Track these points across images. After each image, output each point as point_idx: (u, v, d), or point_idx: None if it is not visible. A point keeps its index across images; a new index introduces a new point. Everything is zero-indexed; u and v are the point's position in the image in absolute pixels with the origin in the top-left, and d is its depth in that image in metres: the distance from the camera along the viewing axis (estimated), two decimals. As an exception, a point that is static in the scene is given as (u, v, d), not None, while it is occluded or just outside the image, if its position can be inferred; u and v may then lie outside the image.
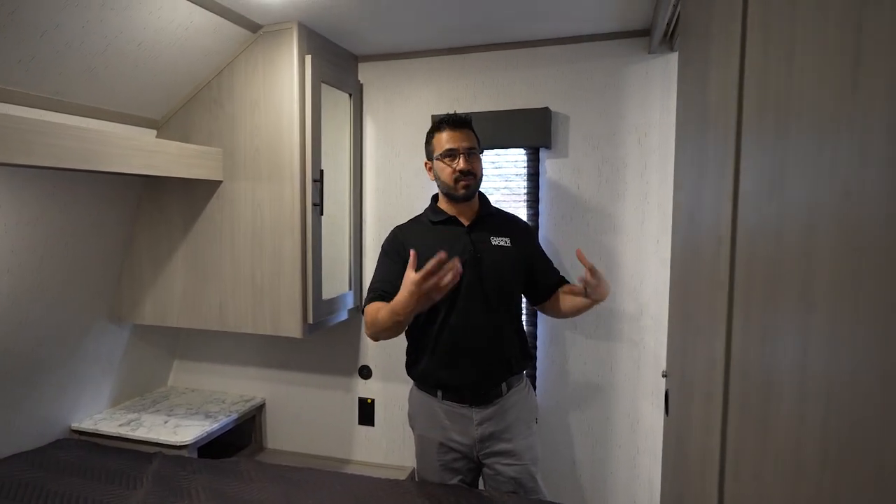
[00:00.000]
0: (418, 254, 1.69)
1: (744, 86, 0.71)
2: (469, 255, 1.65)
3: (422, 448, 1.77)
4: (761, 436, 0.59)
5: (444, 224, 1.72)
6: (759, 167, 0.64)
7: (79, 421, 2.13)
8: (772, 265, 0.57)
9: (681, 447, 1.10)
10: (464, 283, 1.64)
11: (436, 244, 1.69)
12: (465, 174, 1.64)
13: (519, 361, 1.71)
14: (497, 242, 1.69)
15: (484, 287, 1.64)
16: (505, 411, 1.68)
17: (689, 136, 1.13)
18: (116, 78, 1.68)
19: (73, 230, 1.86)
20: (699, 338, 0.95)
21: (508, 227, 1.74)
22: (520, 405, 1.71)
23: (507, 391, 1.69)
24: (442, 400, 1.69)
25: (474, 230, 1.69)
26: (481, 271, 1.65)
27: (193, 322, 2.07)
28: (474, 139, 1.69)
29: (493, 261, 1.67)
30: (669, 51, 1.90)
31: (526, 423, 1.71)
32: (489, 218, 1.73)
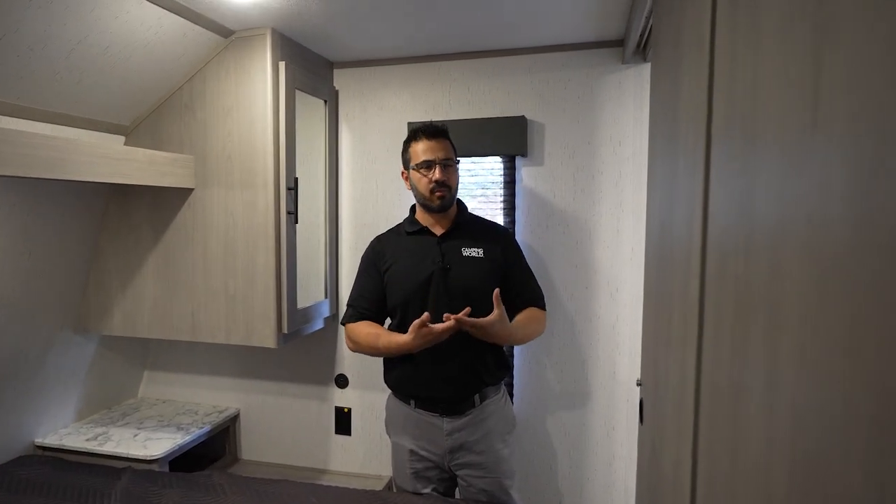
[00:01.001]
0: (390, 264, 1.72)
1: (712, 104, 0.72)
2: (437, 266, 1.65)
3: (396, 455, 1.77)
4: (731, 449, 0.60)
5: (417, 234, 1.72)
6: (729, 185, 0.65)
7: (42, 436, 2.06)
8: (741, 284, 0.57)
9: (655, 455, 1.12)
10: (430, 295, 1.64)
11: (408, 255, 1.72)
12: (441, 185, 1.63)
13: (492, 373, 1.69)
14: (468, 253, 1.68)
15: (452, 298, 1.63)
16: (478, 423, 1.67)
17: (661, 148, 1.14)
18: (83, 83, 1.63)
19: (36, 239, 1.80)
20: (671, 349, 0.96)
21: (484, 237, 1.72)
22: (494, 417, 1.69)
23: (481, 402, 1.67)
24: (414, 408, 1.69)
25: (446, 240, 1.69)
26: (448, 283, 1.64)
27: (164, 333, 2.02)
28: (451, 149, 1.68)
29: (461, 272, 1.65)
30: (643, 61, 1.93)
31: (500, 436, 1.70)
32: (464, 227, 1.72)
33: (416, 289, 1.65)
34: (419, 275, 1.65)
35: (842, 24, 0.34)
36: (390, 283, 1.71)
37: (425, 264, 1.66)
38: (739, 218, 0.59)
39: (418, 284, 1.65)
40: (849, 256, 0.34)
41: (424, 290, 1.65)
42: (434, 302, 1.63)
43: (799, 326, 0.42)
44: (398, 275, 1.69)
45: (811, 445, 0.39)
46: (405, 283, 1.67)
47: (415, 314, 1.63)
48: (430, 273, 1.65)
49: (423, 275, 1.65)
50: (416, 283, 1.65)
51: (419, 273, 1.66)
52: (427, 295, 1.65)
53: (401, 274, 1.69)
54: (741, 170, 0.59)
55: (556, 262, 2.08)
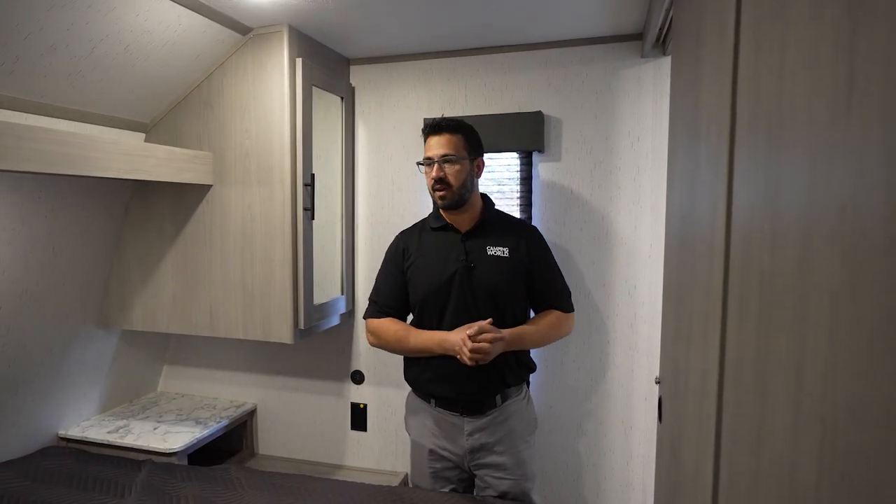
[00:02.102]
0: (413, 260, 1.70)
1: (736, 96, 0.71)
2: (460, 264, 1.62)
3: (414, 454, 1.76)
4: (755, 446, 0.58)
5: (441, 230, 1.68)
6: (753, 178, 0.63)
7: (66, 428, 2.10)
8: (767, 277, 0.56)
9: (674, 454, 1.10)
10: (453, 293, 1.62)
11: (431, 252, 1.68)
12: (439, 182, 1.59)
13: (515, 373, 1.65)
14: (493, 252, 1.63)
15: (475, 298, 1.60)
16: (499, 423, 1.64)
17: (682, 142, 1.12)
18: (104, 81, 1.65)
19: (59, 236, 1.83)
20: (692, 346, 0.95)
21: (509, 235, 1.66)
22: (515, 418, 1.66)
23: (503, 402, 1.64)
24: (435, 407, 1.67)
25: (471, 238, 1.65)
26: (472, 282, 1.61)
27: (183, 328, 2.05)
28: (456, 144, 1.61)
29: (485, 271, 1.61)
30: (662, 55, 1.90)
31: (522, 437, 1.67)
32: (489, 224, 1.67)
33: (439, 287, 1.62)
34: (442, 273, 1.62)
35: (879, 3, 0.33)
36: (412, 280, 1.69)
37: (448, 262, 1.63)
38: (765, 210, 0.57)
39: (441, 283, 1.62)
40: (885, 247, 0.33)
41: (447, 289, 1.62)
42: (456, 301, 1.61)
43: (829, 320, 0.41)
44: (420, 271, 1.67)
45: (842, 443, 0.38)
46: (427, 280, 1.65)
47: (436, 312, 1.62)
48: (454, 271, 1.61)
49: (446, 273, 1.62)
50: (438, 281, 1.62)
51: (442, 271, 1.63)
52: (450, 294, 1.62)
53: (423, 271, 1.67)
54: (767, 161, 0.57)
55: (572, 259, 2.06)
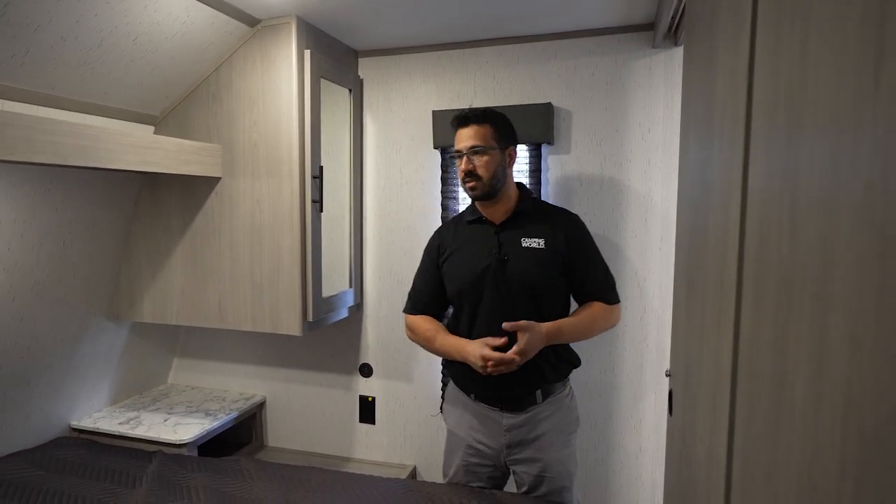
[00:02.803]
0: (448, 254, 1.66)
1: (753, 80, 0.69)
2: (493, 257, 1.57)
3: (450, 444, 1.73)
4: (772, 438, 0.57)
5: (476, 223, 1.64)
6: (770, 163, 0.62)
7: (78, 419, 2.12)
8: (785, 264, 0.55)
9: (685, 448, 1.09)
10: (487, 288, 1.57)
11: (465, 246, 1.64)
12: (468, 175, 1.56)
13: (556, 370, 1.60)
14: (528, 244, 1.58)
15: (509, 292, 1.56)
16: (538, 420, 1.59)
17: (694, 131, 1.10)
18: (113, 73, 1.66)
19: (69, 228, 1.84)
20: (704, 338, 0.93)
21: (546, 225, 1.60)
22: (557, 415, 1.61)
23: (543, 399, 1.59)
24: (474, 401, 1.64)
25: (505, 230, 1.60)
26: (506, 275, 1.56)
27: (193, 320, 2.06)
28: (484, 134, 1.56)
29: (519, 264, 1.56)
30: (674, 45, 1.87)
31: (561, 435, 1.61)
32: (525, 215, 1.62)
33: (472, 281, 1.59)
34: (475, 267, 1.59)
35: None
36: (447, 274, 1.66)
37: (482, 256, 1.59)
38: (783, 194, 0.56)
39: (474, 277, 1.58)
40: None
41: (480, 283, 1.58)
42: (490, 295, 1.57)
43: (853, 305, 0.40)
44: (454, 266, 1.64)
45: (867, 432, 0.37)
46: (461, 274, 1.62)
47: (470, 307, 1.59)
48: (487, 265, 1.57)
49: (478, 267, 1.58)
50: (471, 275, 1.59)
51: (475, 265, 1.59)
52: (483, 288, 1.57)
53: (457, 265, 1.64)
54: (786, 143, 0.56)
55: (582, 251, 2.04)
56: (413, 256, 2.26)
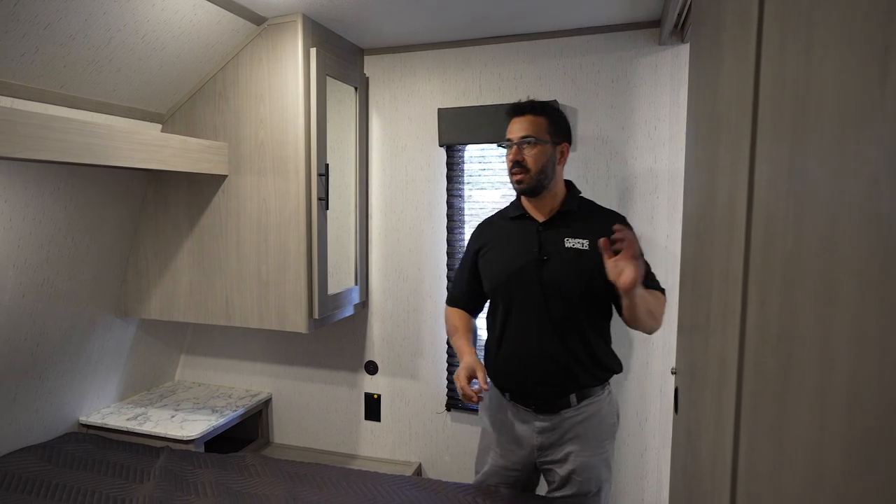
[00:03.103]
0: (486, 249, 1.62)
1: (760, 76, 0.69)
2: (532, 257, 1.51)
3: (483, 443, 1.71)
4: (777, 433, 0.57)
5: (519, 219, 1.59)
6: (776, 159, 0.62)
7: (86, 414, 2.14)
8: (790, 259, 0.55)
9: (691, 446, 1.09)
10: (521, 288, 1.52)
11: (504, 242, 1.60)
12: (515, 165, 1.50)
13: (591, 374, 1.54)
14: (571, 244, 1.50)
15: (544, 295, 1.50)
16: (572, 424, 1.55)
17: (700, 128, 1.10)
18: (121, 71, 1.67)
19: (78, 225, 1.86)
20: (710, 334, 0.93)
21: (593, 226, 1.50)
22: (591, 420, 1.55)
23: (578, 402, 1.54)
24: (509, 400, 1.61)
25: (548, 228, 1.53)
26: (543, 276, 1.50)
27: (199, 317, 2.07)
28: (538, 126, 1.49)
29: (558, 266, 1.49)
30: (680, 42, 1.87)
31: (594, 440, 1.56)
32: (570, 214, 1.55)
33: (508, 279, 1.54)
34: (511, 265, 1.54)
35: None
36: (483, 270, 1.63)
37: (521, 254, 1.53)
38: (789, 190, 0.56)
39: (510, 275, 1.54)
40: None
41: (515, 283, 1.53)
42: (524, 296, 1.52)
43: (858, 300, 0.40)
44: (491, 262, 1.61)
45: (871, 424, 0.37)
46: (497, 271, 1.58)
47: (503, 306, 1.56)
48: (524, 264, 1.52)
49: (515, 265, 1.53)
50: (507, 272, 1.54)
51: (512, 263, 1.54)
52: (518, 288, 1.53)
53: (493, 261, 1.60)
54: (792, 139, 0.56)
55: (587, 249, 2.04)
56: (418, 254, 2.26)
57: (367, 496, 1.66)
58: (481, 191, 2.18)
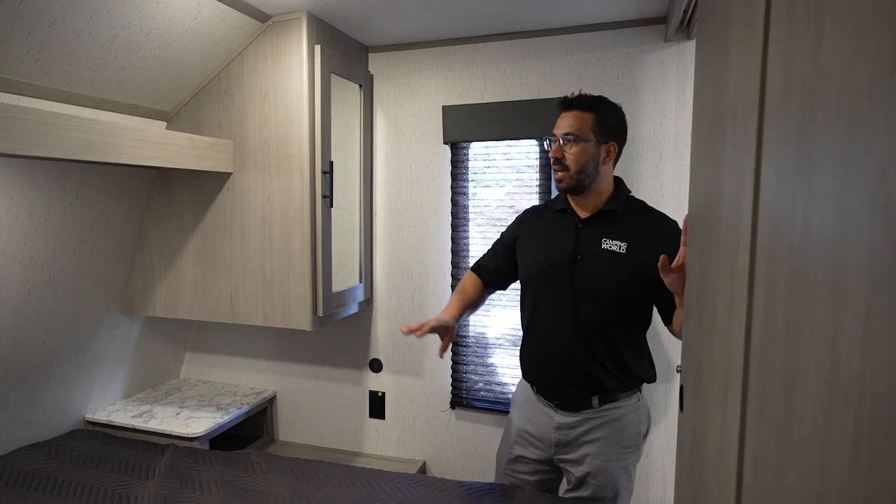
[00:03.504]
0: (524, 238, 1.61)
1: (766, 70, 0.68)
2: (566, 254, 1.48)
3: (506, 431, 1.71)
4: (784, 430, 0.56)
5: (561, 213, 1.56)
6: (783, 154, 0.61)
7: (92, 412, 2.15)
8: (797, 256, 0.54)
9: (696, 442, 1.08)
10: (551, 285, 1.49)
11: (543, 235, 1.57)
12: (555, 163, 1.46)
13: (616, 379, 1.49)
14: (608, 245, 1.45)
15: (574, 295, 1.46)
16: (592, 426, 1.51)
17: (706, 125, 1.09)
18: (126, 69, 1.67)
19: (83, 222, 1.86)
20: (716, 332, 0.92)
21: (636, 229, 1.45)
22: (613, 425, 1.51)
23: (600, 405, 1.51)
24: (535, 393, 1.61)
25: (588, 226, 1.49)
26: (574, 276, 1.46)
27: (204, 314, 2.08)
28: (582, 123, 1.44)
29: (591, 267, 1.45)
30: (686, 38, 1.85)
31: (615, 447, 1.51)
32: (612, 214, 1.49)
33: (539, 274, 1.53)
34: (545, 260, 1.52)
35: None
36: (520, 258, 1.62)
37: (556, 250, 1.50)
38: (796, 185, 0.55)
39: (542, 270, 1.52)
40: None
41: (546, 278, 1.51)
42: (553, 294, 1.50)
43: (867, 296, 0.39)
44: (526, 253, 1.60)
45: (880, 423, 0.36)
46: (531, 263, 1.57)
47: (532, 299, 1.55)
48: (557, 261, 1.49)
49: (548, 261, 1.51)
50: (540, 267, 1.53)
51: (546, 258, 1.52)
52: (548, 284, 1.50)
53: (529, 253, 1.59)
54: (798, 133, 0.55)
55: (592, 247, 2.03)
56: (423, 252, 2.26)
57: (372, 494, 1.66)
58: (486, 188, 2.18)
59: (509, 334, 2.19)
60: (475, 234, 2.20)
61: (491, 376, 2.23)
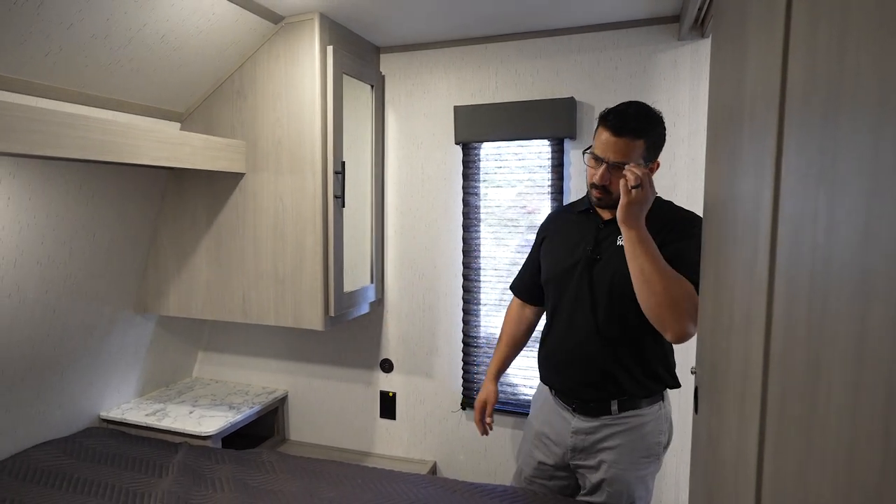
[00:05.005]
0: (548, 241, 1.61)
1: (788, 65, 0.67)
2: (585, 254, 1.47)
3: (525, 434, 1.70)
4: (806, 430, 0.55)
5: (584, 214, 1.55)
6: (805, 151, 0.60)
7: (107, 410, 2.17)
8: (821, 255, 0.53)
9: (712, 444, 1.06)
10: (572, 285, 1.48)
11: (564, 235, 1.57)
12: (598, 188, 1.43)
13: (637, 384, 1.47)
14: (622, 242, 1.41)
15: (592, 294, 1.45)
16: (610, 434, 1.48)
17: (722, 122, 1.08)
18: (141, 70, 1.69)
19: (99, 222, 1.89)
20: (733, 332, 0.91)
21: (656, 228, 1.39)
22: (632, 433, 1.48)
23: (620, 412, 1.48)
24: (553, 396, 1.60)
25: (609, 226, 1.48)
26: (592, 276, 1.45)
27: (217, 314, 2.09)
28: (634, 153, 1.37)
29: (609, 265, 1.43)
30: (700, 37, 1.84)
31: (633, 456, 1.48)
32: None
33: (559, 275, 1.52)
34: (565, 260, 1.51)
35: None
36: (542, 260, 1.62)
37: (576, 250, 1.50)
38: (819, 181, 0.54)
39: (562, 270, 1.51)
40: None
41: (566, 279, 1.50)
42: (573, 293, 1.48)
43: None
44: (547, 254, 1.60)
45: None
46: (551, 264, 1.57)
47: (553, 301, 1.54)
48: (576, 261, 1.48)
49: (568, 261, 1.50)
50: (560, 268, 1.52)
51: (566, 258, 1.51)
52: (568, 285, 1.49)
53: (550, 254, 1.59)
54: (822, 128, 0.54)
55: (605, 247, 2.02)
56: (434, 252, 2.26)
57: (383, 493, 1.66)
58: (497, 189, 2.17)
59: (521, 335, 2.17)
60: (486, 235, 2.19)
61: (502, 377, 2.21)
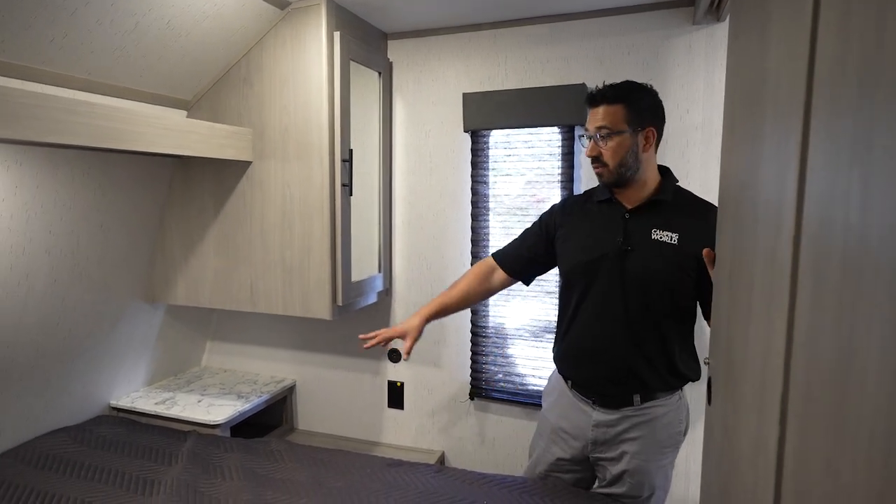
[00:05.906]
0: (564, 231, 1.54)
1: (816, 44, 0.64)
2: (614, 247, 1.42)
3: (539, 429, 1.67)
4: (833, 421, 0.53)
5: (605, 203, 1.50)
6: (835, 133, 0.57)
7: (117, 398, 2.19)
8: (852, 244, 0.51)
9: (727, 436, 1.05)
10: (600, 276, 1.44)
11: (587, 225, 1.51)
12: (594, 161, 1.42)
13: (662, 379, 1.45)
14: (658, 236, 1.40)
15: (623, 287, 1.41)
16: (631, 425, 1.47)
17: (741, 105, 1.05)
18: (146, 57, 1.67)
19: (107, 210, 1.88)
20: (751, 323, 0.89)
21: (686, 220, 1.39)
22: (654, 423, 1.47)
23: (642, 403, 1.46)
24: (570, 388, 1.56)
25: (635, 217, 1.44)
26: (624, 268, 1.41)
27: (225, 303, 2.09)
28: (613, 116, 1.39)
29: (642, 258, 1.40)
30: (716, 21, 1.79)
31: (655, 447, 1.47)
32: (661, 204, 1.44)
33: (586, 265, 1.47)
34: (592, 251, 1.46)
35: None
36: (560, 252, 1.56)
37: (603, 241, 1.45)
38: (851, 164, 0.52)
39: (589, 262, 1.46)
40: None
41: (594, 271, 1.45)
42: (602, 286, 1.44)
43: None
44: (569, 245, 1.53)
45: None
46: (575, 256, 1.50)
47: (579, 291, 1.49)
48: (605, 253, 1.44)
49: (595, 252, 1.45)
50: (586, 259, 1.47)
51: (593, 249, 1.46)
52: (596, 277, 1.45)
53: (572, 245, 1.52)
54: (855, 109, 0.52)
55: (615, 237, 1.99)
56: (442, 241, 2.24)
57: (392, 483, 1.66)
58: (506, 177, 2.14)
59: (529, 325, 2.16)
60: (495, 224, 2.17)
61: (511, 367, 2.21)
